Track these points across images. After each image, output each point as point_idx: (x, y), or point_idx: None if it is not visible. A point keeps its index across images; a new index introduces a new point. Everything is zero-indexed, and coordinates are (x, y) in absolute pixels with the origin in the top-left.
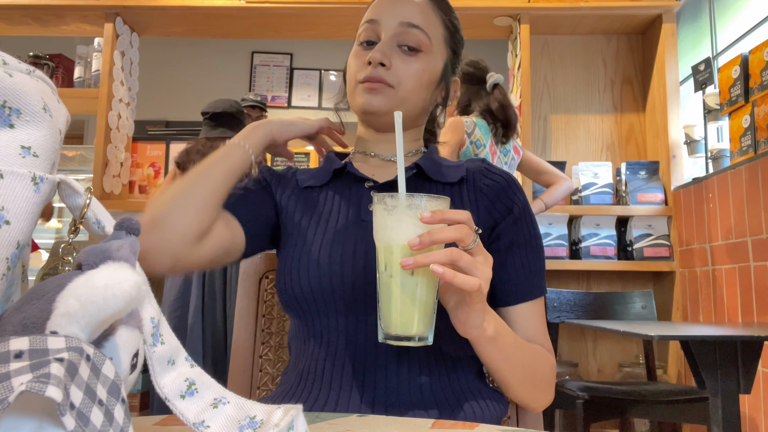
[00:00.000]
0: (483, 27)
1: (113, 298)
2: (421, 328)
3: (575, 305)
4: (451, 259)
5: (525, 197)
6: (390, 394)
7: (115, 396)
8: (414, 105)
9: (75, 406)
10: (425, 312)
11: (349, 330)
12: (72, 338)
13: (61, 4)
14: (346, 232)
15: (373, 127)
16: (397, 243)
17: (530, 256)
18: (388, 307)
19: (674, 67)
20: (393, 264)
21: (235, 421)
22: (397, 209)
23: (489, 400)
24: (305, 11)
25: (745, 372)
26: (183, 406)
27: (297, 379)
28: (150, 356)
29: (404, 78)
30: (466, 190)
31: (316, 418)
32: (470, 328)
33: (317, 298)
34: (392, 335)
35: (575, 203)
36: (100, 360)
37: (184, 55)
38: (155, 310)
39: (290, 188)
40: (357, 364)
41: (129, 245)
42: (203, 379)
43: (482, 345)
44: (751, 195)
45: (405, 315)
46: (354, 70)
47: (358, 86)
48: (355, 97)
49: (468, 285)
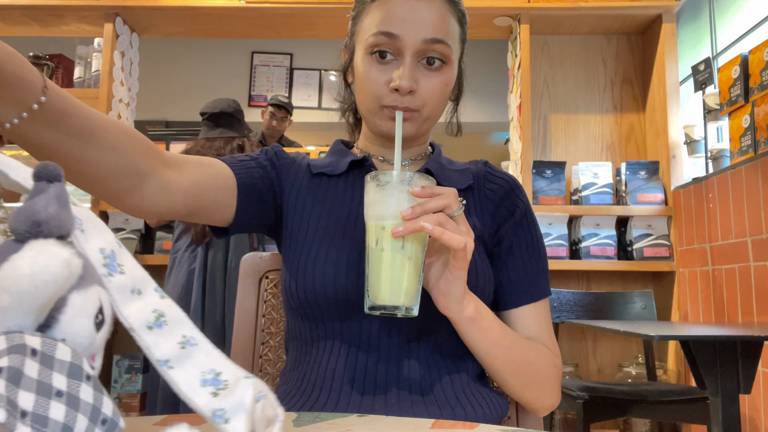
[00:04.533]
0: (483, 27)
1: (44, 284)
2: (408, 299)
3: (575, 305)
4: (438, 221)
5: (527, 200)
6: (390, 395)
7: (77, 377)
8: (435, 119)
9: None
10: (412, 283)
11: (353, 334)
12: (13, 334)
13: (60, 5)
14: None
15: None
16: (389, 215)
17: (532, 258)
18: (377, 279)
19: (674, 67)
20: (384, 236)
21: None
22: (390, 185)
23: (490, 400)
24: (305, 11)
25: (745, 372)
26: (150, 339)
27: (299, 382)
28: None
29: (429, 98)
30: (471, 197)
31: (316, 418)
32: (451, 301)
33: (331, 305)
34: (379, 305)
35: (575, 203)
36: (50, 347)
37: (184, 55)
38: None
39: (301, 174)
40: (359, 367)
41: (55, 197)
42: (173, 313)
43: (463, 325)
44: (751, 195)
45: (393, 285)
46: (374, 91)
47: (382, 110)
48: (376, 121)
49: (455, 241)
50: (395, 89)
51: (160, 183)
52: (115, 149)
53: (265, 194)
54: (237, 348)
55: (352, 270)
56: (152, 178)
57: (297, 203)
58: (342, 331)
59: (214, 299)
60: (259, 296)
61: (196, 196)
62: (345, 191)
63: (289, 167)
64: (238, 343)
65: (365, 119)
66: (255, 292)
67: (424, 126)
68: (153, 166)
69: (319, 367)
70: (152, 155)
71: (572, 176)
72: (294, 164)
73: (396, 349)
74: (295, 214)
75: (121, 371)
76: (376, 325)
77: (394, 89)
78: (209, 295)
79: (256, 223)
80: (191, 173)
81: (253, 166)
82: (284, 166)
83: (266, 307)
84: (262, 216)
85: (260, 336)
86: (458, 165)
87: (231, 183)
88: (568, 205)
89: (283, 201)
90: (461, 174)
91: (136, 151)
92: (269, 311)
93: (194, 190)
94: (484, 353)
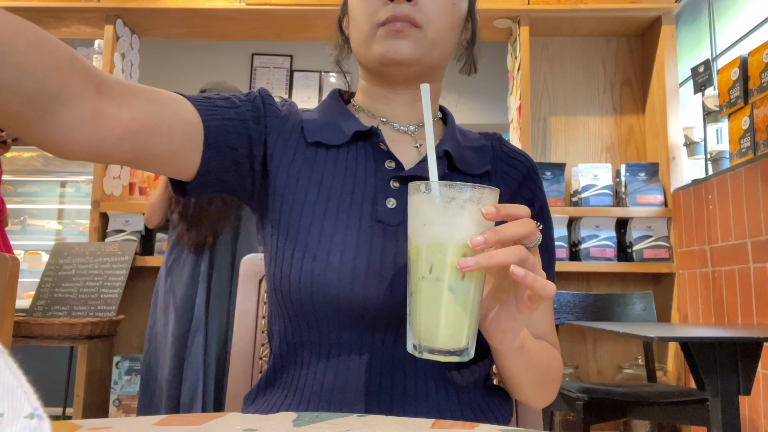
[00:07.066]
0: (482, 29)
1: None
2: (470, 340)
3: (575, 307)
4: (520, 258)
5: (543, 188)
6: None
7: None
8: (444, 49)
9: None
10: (475, 321)
11: (354, 344)
12: None
13: (61, 6)
14: (370, 232)
15: (390, 84)
16: (452, 241)
17: (544, 254)
18: (433, 317)
19: (674, 69)
20: (444, 265)
21: None
22: (454, 202)
23: (498, 411)
24: (305, 13)
25: (745, 373)
26: None
27: (288, 394)
28: None
29: (433, 14)
30: (488, 182)
31: (315, 418)
32: (510, 337)
33: (330, 312)
34: (438, 349)
35: (575, 205)
36: None
37: (185, 57)
38: None
39: (294, 139)
40: (360, 384)
41: None
42: None
43: (510, 355)
44: (750, 197)
45: (455, 325)
46: (368, 10)
47: (377, 30)
48: (371, 45)
49: (547, 290)
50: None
51: (85, 114)
52: (17, 66)
53: (241, 156)
54: (237, 348)
55: (359, 275)
56: (73, 105)
57: (289, 178)
58: (340, 340)
59: (220, 302)
60: (259, 297)
61: (140, 138)
62: (347, 169)
63: (281, 126)
64: (238, 344)
65: (361, 60)
66: (255, 292)
67: (430, 53)
68: (76, 89)
69: (314, 380)
70: (78, 76)
71: (572, 178)
72: (286, 123)
73: (401, 364)
74: (285, 190)
75: (121, 373)
76: (381, 335)
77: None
78: (214, 299)
79: (223, 188)
80: (136, 108)
81: (231, 116)
82: (273, 124)
83: (266, 307)
84: (232, 181)
85: (260, 337)
86: (473, 140)
87: (195, 132)
88: (567, 206)
89: (269, 169)
90: (479, 154)
91: (49, 68)
92: None
93: (138, 131)
94: (517, 374)
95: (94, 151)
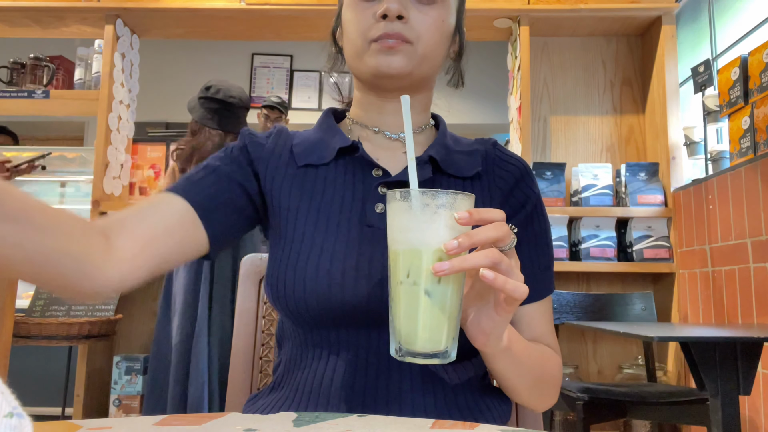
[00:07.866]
0: (483, 29)
1: None
2: (450, 342)
3: (575, 307)
4: (493, 261)
5: (538, 189)
6: (392, 411)
7: None
8: (433, 62)
9: None
10: (454, 324)
11: (351, 342)
12: None
13: (61, 6)
14: (359, 236)
15: (383, 93)
16: (427, 247)
17: (540, 253)
18: (412, 321)
19: (674, 69)
20: (420, 270)
21: None
22: (428, 208)
23: (496, 411)
24: (305, 13)
25: (745, 373)
26: None
27: (292, 393)
28: None
29: (423, 31)
30: (480, 184)
31: (316, 418)
32: (493, 339)
33: (324, 313)
34: (418, 352)
35: (575, 205)
36: None
37: (185, 56)
38: None
39: (284, 164)
40: (358, 380)
41: None
42: None
43: (497, 357)
44: (750, 196)
45: (434, 328)
46: (361, 27)
47: (370, 46)
48: (364, 59)
49: (519, 292)
50: (383, 16)
51: (109, 258)
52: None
53: (240, 202)
54: (237, 348)
55: (349, 276)
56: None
57: (281, 198)
58: (338, 340)
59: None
60: (259, 297)
61: (154, 249)
62: (336, 182)
63: (267, 159)
64: (238, 344)
65: (354, 72)
66: (255, 293)
67: (420, 67)
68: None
69: (314, 378)
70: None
71: (572, 178)
72: (273, 153)
73: (397, 361)
74: (280, 210)
75: (121, 373)
76: (375, 332)
77: (382, 16)
78: (216, 302)
79: (238, 235)
80: (137, 230)
81: (212, 181)
82: (259, 159)
83: (266, 308)
84: (245, 224)
85: (260, 337)
86: (465, 145)
87: (189, 216)
88: (567, 206)
89: (265, 194)
90: (469, 158)
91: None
92: (269, 312)
93: (149, 245)
94: (507, 376)
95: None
